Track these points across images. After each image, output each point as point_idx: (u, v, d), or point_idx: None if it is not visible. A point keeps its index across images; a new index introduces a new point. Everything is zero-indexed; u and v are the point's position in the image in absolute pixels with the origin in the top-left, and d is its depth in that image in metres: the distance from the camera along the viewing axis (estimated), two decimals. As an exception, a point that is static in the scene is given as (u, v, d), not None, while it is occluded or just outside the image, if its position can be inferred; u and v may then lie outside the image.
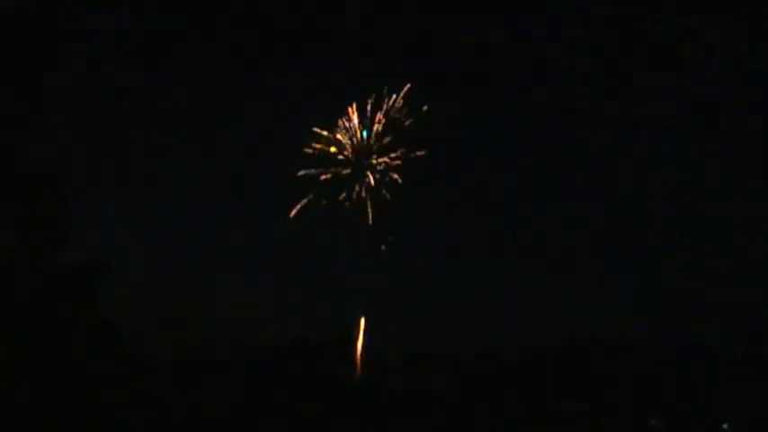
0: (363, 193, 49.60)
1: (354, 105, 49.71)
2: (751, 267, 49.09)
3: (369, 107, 49.62)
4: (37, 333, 26.31)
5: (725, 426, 42.22)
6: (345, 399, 42.84)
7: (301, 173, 49.56)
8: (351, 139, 49.92)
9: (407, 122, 49.51)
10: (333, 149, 49.77)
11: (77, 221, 29.01)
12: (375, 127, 49.74)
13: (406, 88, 49.45)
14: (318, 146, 49.84)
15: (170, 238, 53.26)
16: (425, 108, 49.29)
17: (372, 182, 49.44)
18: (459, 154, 54.13)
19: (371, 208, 49.37)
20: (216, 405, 36.48)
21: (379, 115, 49.67)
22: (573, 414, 43.92)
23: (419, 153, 49.44)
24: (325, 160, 50.07)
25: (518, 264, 56.08)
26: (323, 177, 49.60)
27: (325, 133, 49.77)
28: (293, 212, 48.84)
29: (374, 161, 49.76)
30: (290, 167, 50.07)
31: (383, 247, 48.47)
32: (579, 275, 54.06)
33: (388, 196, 49.48)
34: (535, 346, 48.34)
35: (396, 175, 49.39)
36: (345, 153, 50.06)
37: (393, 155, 49.56)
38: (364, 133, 49.57)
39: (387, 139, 49.74)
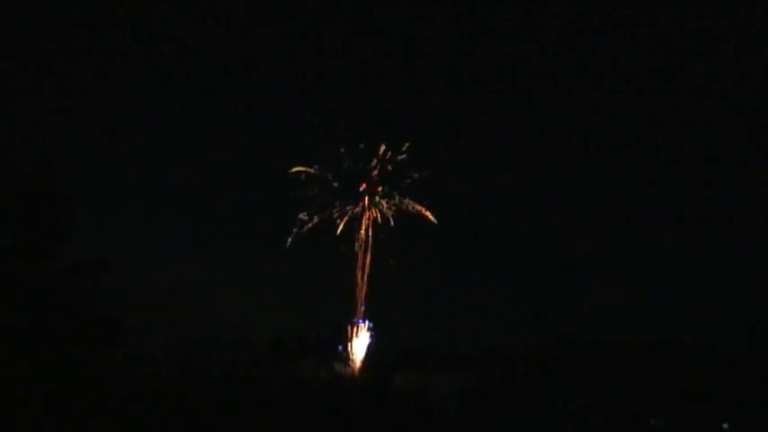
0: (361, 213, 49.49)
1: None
2: (751, 268, 49.17)
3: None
4: (37, 333, 26.27)
5: (725, 426, 42.19)
6: (345, 399, 42.83)
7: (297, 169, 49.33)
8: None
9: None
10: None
11: (77, 221, 28.96)
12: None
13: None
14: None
15: (170, 237, 53.38)
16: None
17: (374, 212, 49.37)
18: (461, 156, 54.25)
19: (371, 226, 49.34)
20: (216, 404, 36.49)
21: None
22: (574, 414, 43.90)
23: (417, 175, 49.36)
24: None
25: (519, 264, 56.23)
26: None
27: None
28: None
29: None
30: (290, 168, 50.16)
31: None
32: (580, 276, 54.18)
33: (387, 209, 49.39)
34: (535, 346, 48.31)
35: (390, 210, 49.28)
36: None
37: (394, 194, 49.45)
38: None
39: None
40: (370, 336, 49.20)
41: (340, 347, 48.85)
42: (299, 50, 58.23)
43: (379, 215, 49.67)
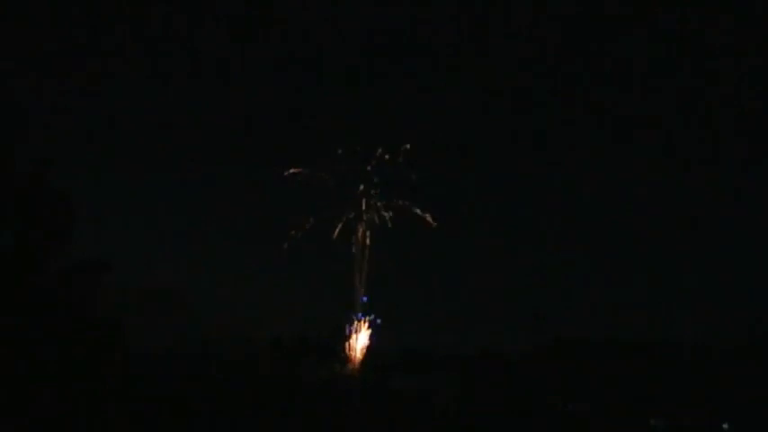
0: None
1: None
2: (751, 268, 49.15)
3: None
4: (37, 333, 26.28)
5: (725, 426, 42.20)
6: (345, 399, 42.83)
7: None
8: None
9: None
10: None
11: (77, 221, 28.97)
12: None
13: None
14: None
15: (170, 237, 53.37)
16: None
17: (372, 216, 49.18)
18: (459, 157, 54.21)
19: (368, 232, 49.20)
20: (215, 405, 36.50)
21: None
22: (574, 414, 43.91)
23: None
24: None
25: (518, 264, 56.21)
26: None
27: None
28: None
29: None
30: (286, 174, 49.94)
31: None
32: (579, 276, 54.18)
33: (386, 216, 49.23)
34: (534, 346, 48.34)
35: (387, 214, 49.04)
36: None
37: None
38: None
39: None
40: (371, 334, 49.19)
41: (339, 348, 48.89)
42: (299, 50, 58.25)
43: (376, 216, 49.63)
